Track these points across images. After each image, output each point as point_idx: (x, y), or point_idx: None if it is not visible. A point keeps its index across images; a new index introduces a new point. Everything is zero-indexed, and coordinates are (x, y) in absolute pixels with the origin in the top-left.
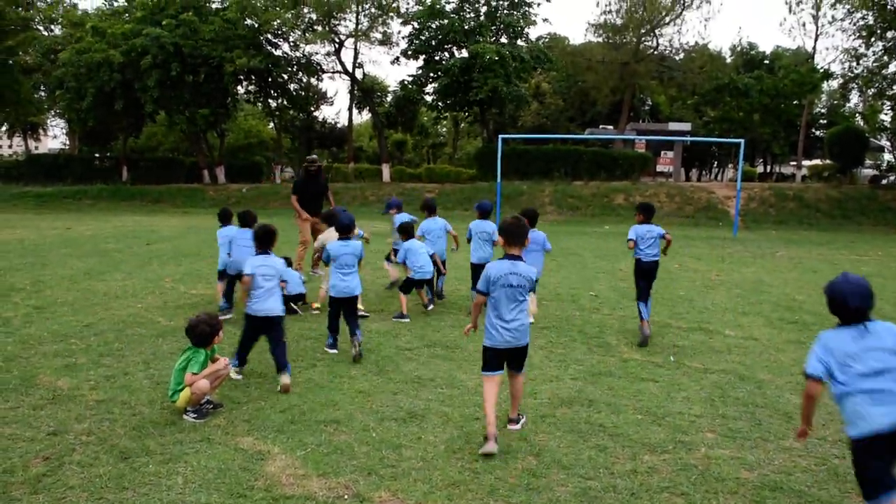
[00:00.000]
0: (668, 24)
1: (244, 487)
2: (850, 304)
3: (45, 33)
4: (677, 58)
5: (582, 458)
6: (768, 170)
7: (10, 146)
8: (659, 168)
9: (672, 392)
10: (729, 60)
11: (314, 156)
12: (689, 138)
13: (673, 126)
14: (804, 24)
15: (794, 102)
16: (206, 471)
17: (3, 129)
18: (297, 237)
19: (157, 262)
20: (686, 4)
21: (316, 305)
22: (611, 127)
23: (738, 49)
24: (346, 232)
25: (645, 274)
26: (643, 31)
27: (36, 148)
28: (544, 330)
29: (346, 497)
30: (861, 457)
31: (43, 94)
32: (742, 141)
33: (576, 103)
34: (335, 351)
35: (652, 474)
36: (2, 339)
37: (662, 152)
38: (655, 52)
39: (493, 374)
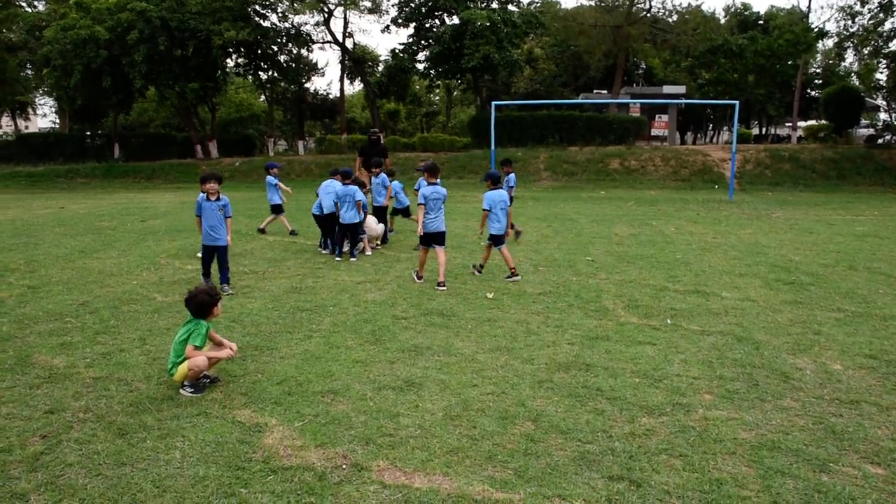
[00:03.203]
0: None
1: (242, 460)
2: (496, 178)
3: (29, 10)
4: (670, 20)
5: (580, 422)
6: (764, 131)
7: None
8: (654, 132)
9: (669, 355)
10: (723, 21)
11: (375, 128)
12: (683, 101)
13: (667, 89)
14: None
15: (789, 63)
16: (203, 444)
17: None
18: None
19: (151, 238)
20: None
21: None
22: (605, 91)
23: (732, 10)
24: (345, 178)
25: None
26: None
27: (26, 127)
28: (541, 296)
29: (344, 467)
30: (494, 239)
31: (30, 72)
32: (736, 102)
33: (569, 68)
34: (340, 259)
35: (650, 436)
36: None
37: (657, 116)
38: (648, 15)
39: (426, 248)
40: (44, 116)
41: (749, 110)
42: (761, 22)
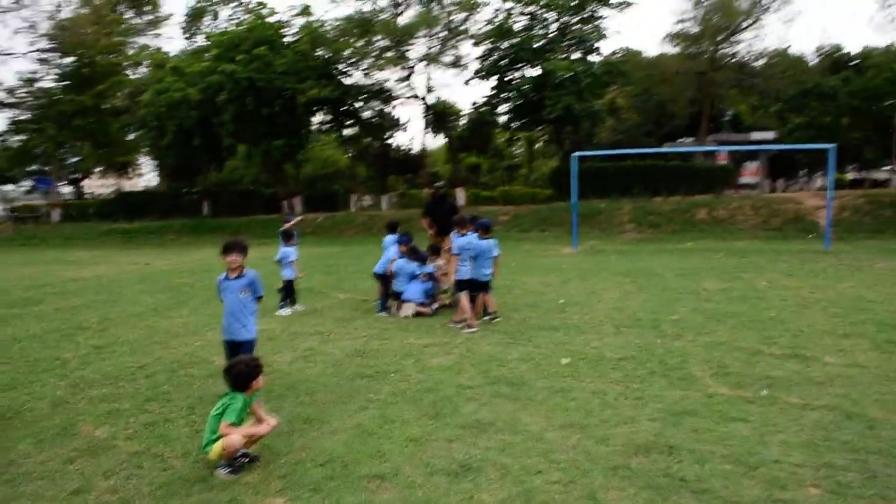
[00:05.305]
0: (746, 29)
1: None
2: (488, 227)
3: (132, 76)
4: (757, 64)
5: None
6: (859, 177)
7: (107, 186)
8: (743, 180)
9: (766, 435)
10: (813, 63)
11: (440, 182)
12: (773, 146)
13: (756, 135)
14: None
15: (887, 103)
16: None
17: (98, 169)
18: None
19: None
20: (764, 7)
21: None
22: (690, 139)
23: (824, 51)
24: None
25: None
26: (720, 38)
27: (132, 186)
28: (622, 361)
29: None
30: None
31: (131, 135)
32: (833, 146)
33: (652, 117)
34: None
35: None
36: (55, 381)
37: (746, 163)
38: (734, 60)
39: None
40: (141, 175)
41: (843, 155)
42: (856, 62)
